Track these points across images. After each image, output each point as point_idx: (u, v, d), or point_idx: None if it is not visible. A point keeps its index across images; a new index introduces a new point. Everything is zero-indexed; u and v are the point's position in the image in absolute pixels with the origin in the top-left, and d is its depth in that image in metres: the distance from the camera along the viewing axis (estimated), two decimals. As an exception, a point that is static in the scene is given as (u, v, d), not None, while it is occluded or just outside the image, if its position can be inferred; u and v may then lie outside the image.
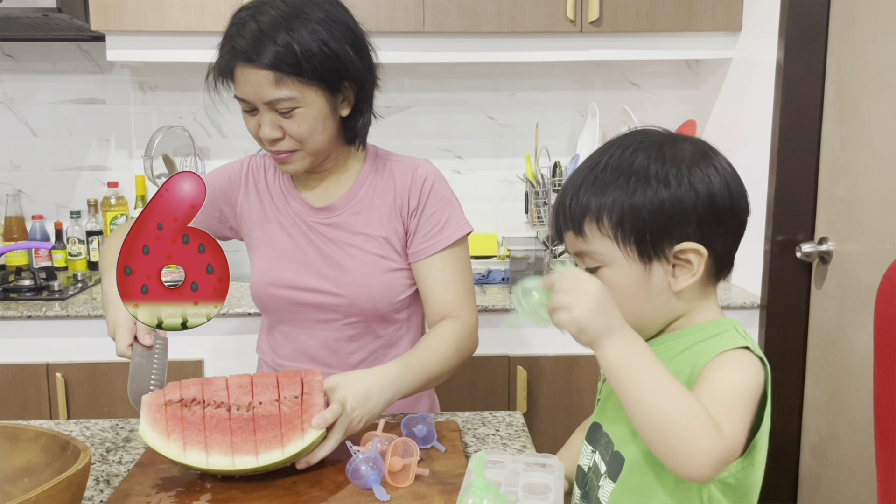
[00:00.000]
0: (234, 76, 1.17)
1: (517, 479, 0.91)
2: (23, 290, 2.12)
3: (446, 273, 1.26)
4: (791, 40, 1.96)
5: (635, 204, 0.81)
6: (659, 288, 0.83)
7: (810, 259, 1.98)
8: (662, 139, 0.85)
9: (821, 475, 1.98)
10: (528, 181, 2.44)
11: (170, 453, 0.97)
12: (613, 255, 0.82)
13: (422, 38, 2.20)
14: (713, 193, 0.82)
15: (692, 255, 0.82)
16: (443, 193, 1.28)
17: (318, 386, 1.03)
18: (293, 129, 1.17)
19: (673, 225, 0.81)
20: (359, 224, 1.26)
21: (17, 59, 2.48)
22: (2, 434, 0.95)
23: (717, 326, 0.85)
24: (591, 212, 0.83)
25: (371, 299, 1.25)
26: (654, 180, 0.81)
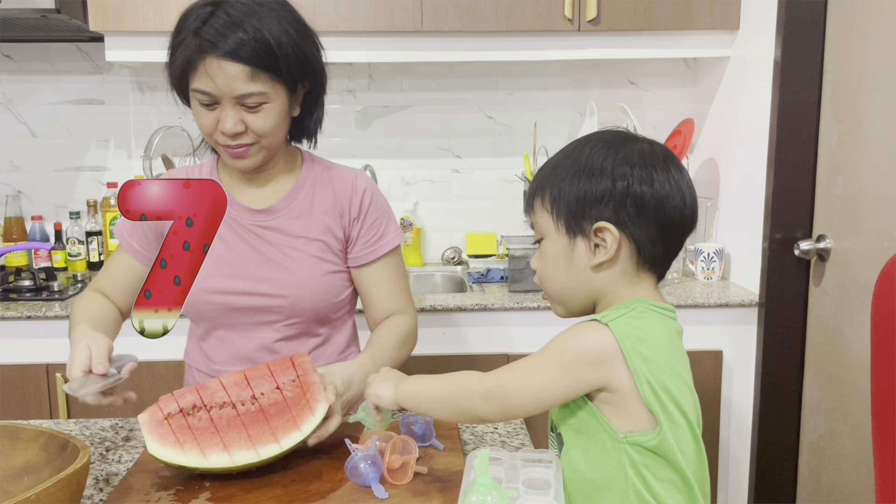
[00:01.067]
0: (197, 69, 1.14)
1: (517, 474, 0.92)
2: (23, 291, 2.12)
3: (389, 277, 1.33)
4: (789, 38, 1.97)
5: (569, 186, 0.93)
6: (580, 263, 0.93)
7: (808, 257, 1.99)
8: (622, 138, 0.94)
9: (820, 472, 1.99)
10: (526, 180, 2.45)
11: (189, 462, 0.98)
12: (549, 228, 0.95)
13: (420, 38, 2.20)
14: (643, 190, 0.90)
15: (608, 235, 0.91)
16: (381, 203, 1.35)
17: (309, 366, 1.07)
18: (258, 124, 1.17)
19: (591, 206, 0.91)
20: (299, 227, 1.27)
21: (16, 60, 2.49)
22: (2, 433, 0.95)
23: (621, 307, 0.91)
24: (539, 191, 0.96)
25: (313, 300, 1.27)
26: (588, 168, 0.92)
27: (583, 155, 0.93)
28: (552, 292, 0.98)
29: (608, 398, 0.88)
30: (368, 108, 2.56)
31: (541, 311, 2.06)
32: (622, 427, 0.88)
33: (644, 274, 0.94)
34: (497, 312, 2.07)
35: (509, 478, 0.91)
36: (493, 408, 0.90)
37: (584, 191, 0.91)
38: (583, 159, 0.93)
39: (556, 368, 0.88)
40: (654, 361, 0.87)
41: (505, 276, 2.32)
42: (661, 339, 0.90)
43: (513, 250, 2.17)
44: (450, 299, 2.10)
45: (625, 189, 0.90)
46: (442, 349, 2.07)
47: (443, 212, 2.63)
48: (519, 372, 0.90)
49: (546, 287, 0.98)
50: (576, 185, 0.92)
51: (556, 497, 0.87)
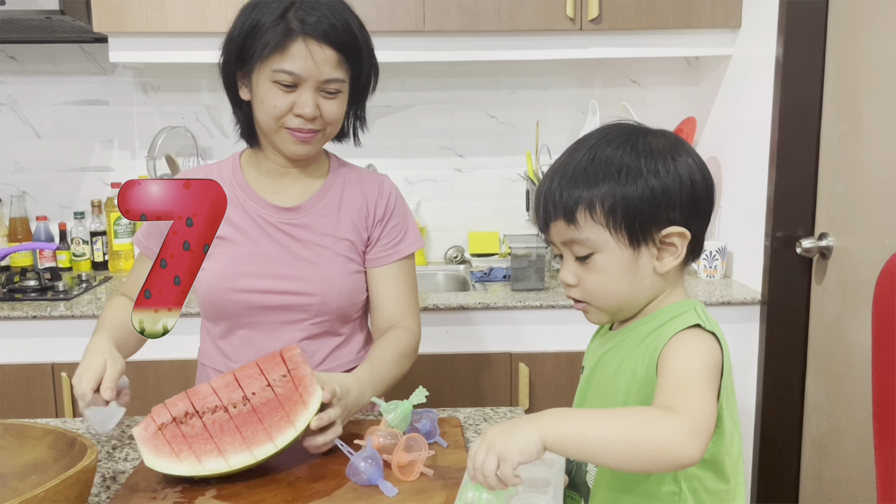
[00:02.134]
0: (287, 50, 1.16)
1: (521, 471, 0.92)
2: (28, 291, 2.13)
3: (399, 283, 1.33)
4: (790, 37, 1.97)
5: (627, 193, 0.85)
6: (645, 271, 0.88)
7: (810, 255, 1.99)
8: (639, 132, 0.90)
9: (822, 470, 1.99)
10: (529, 179, 2.45)
11: (186, 471, 0.98)
12: (605, 242, 0.87)
13: (422, 38, 2.21)
14: (694, 180, 0.88)
15: (676, 238, 0.87)
16: (404, 208, 1.36)
17: (300, 359, 1.05)
18: (331, 111, 1.21)
19: (661, 211, 0.86)
20: (328, 226, 1.28)
21: (20, 61, 2.50)
22: (10, 431, 0.96)
23: (677, 308, 0.90)
24: (583, 201, 0.87)
25: (340, 299, 1.27)
26: (644, 170, 0.86)
27: (614, 158, 0.87)
28: (609, 306, 0.91)
29: None
30: (371, 108, 2.54)
31: (543, 309, 2.06)
32: None
33: (684, 266, 0.92)
34: (500, 311, 2.08)
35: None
36: (700, 445, 0.75)
37: (648, 194, 0.85)
38: (624, 163, 0.86)
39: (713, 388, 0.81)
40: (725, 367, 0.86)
41: (507, 275, 2.33)
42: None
43: (515, 249, 2.18)
44: (452, 298, 2.10)
45: (690, 187, 0.87)
46: (445, 348, 2.08)
47: (445, 211, 2.64)
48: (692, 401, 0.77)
49: (604, 302, 0.90)
50: (631, 192, 0.85)
51: (555, 497, 0.87)
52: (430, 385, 2.06)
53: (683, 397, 0.77)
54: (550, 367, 2.09)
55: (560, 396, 2.10)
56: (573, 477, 0.97)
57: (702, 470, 0.86)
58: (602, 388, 0.95)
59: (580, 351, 1.02)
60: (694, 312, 0.87)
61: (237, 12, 1.23)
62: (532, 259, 2.17)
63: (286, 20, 1.16)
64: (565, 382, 2.10)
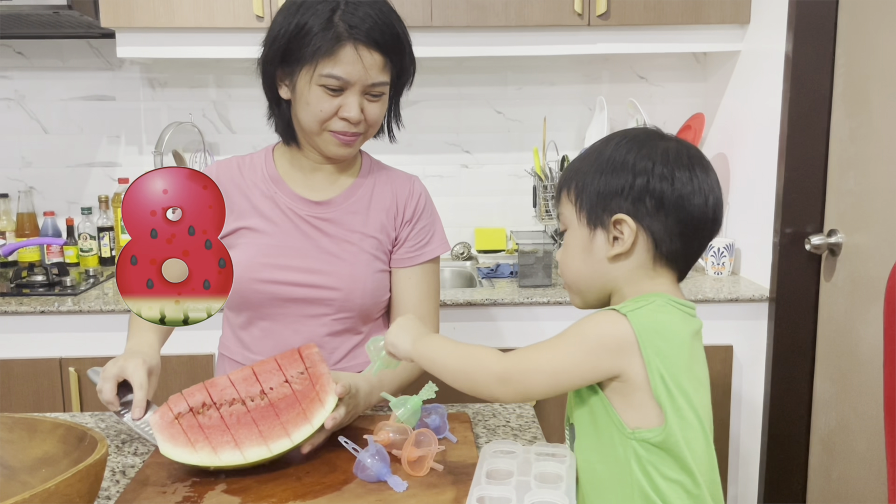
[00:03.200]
0: (335, 55, 1.15)
1: (529, 468, 0.92)
2: (35, 286, 2.14)
3: (423, 286, 1.33)
4: (800, 32, 1.96)
5: (592, 179, 0.95)
6: (599, 254, 0.95)
7: (819, 251, 1.98)
8: (650, 136, 0.96)
9: (830, 468, 1.99)
10: (536, 175, 2.45)
11: (202, 461, 0.98)
12: (572, 219, 0.97)
13: (429, 33, 2.20)
14: (651, 181, 0.92)
15: (626, 227, 0.92)
16: (433, 211, 1.37)
17: (318, 357, 1.06)
18: (374, 113, 1.22)
19: (611, 198, 0.93)
20: (357, 222, 1.28)
21: (27, 57, 2.50)
22: (20, 425, 0.96)
23: (640, 300, 0.92)
24: (566, 184, 0.98)
25: (364, 296, 1.27)
26: (611, 163, 0.94)
27: (607, 150, 0.95)
28: (570, 282, 0.99)
29: (619, 388, 0.89)
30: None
31: (550, 306, 2.06)
32: (631, 422, 0.88)
33: (662, 270, 0.94)
34: (507, 307, 2.07)
35: (522, 471, 0.92)
36: (508, 389, 0.91)
37: (606, 184, 0.93)
38: (607, 154, 0.95)
39: (575, 353, 0.89)
40: (669, 356, 0.88)
41: (514, 272, 2.33)
42: (678, 335, 0.90)
43: (522, 246, 2.17)
44: (459, 294, 2.10)
45: (644, 184, 0.91)
46: (452, 344, 2.08)
47: (452, 207, 2.64)
48: (538, 354, 0.91)
49: (565, 276, 1.00)
50: (598, 179, 0.94)
51: (567, 492, 0.87)
52: (436, 380, 2.07)
53: (528, 349, 0.92)
54: (557, 364, 2.09)
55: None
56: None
57: (653, 453, 0.88)
58: None
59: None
60: (633, 301, 0.92)
61: (279, 10, 1.21)
62: (539, 255, 2.16)
63: (334, 24, 1.15)
64: (572, 379, 2.09)
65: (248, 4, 2.13)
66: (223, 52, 2.21)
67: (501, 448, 0.98)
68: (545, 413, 2.09)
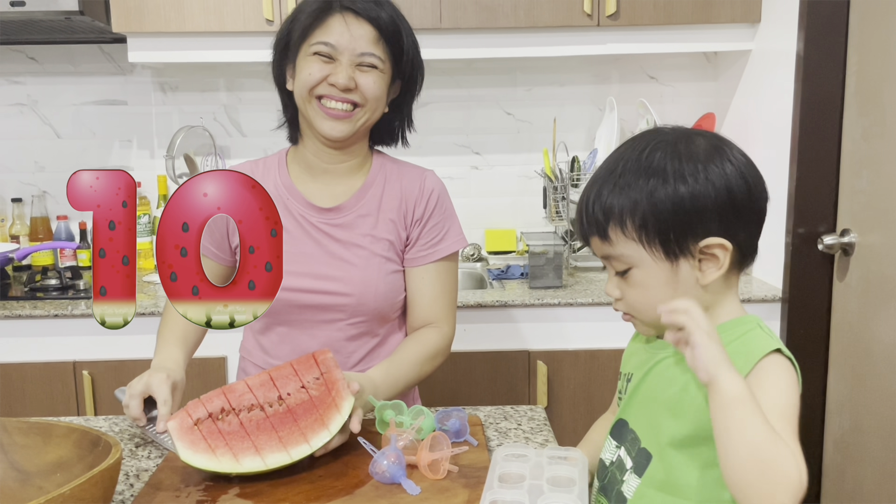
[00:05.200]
0: (326, 22, 1.19)
1: (542, 472, 0.92)
2: (49, 290, 2.15)
3: (437, 284, 1.32)
4: (811, 31, 1.95)
5: (656, 204, 0.82)
6: (687, 283, 0.85)
7: (832, 251, 1.97)
8: (676, 137, 0.86)
9: (845, 469, 1.97)
10: (546, 176, 2.44)
11: (223, 468, 0.98)
12: (640, 257, 0.84)
13: (439, 35, 2.20)
14: (730, 186, 0.83)
15: (717, 249, 0.83)
16: (446, 206, 1.34)
17: (333, 363, 1.07)
18: (367, 84, 1.21)
19: (695, 222, 0.82)
20: (366, 226, 1.28)
21: (40, 62, 2.52)
22: (34, 430, 0.97)
23: (740, 326, 0.86)
24: (613, 216, 0.84)
25: (377, 300, 1.27)
26: (671, 178, 0.82)
27: (653, 162, 0.83)
28: (653, 321, 0.87)
29: None
30: (387, 106, 2.56)
31: (561, 307, 2.05)
32: None
33: (736, 274, 0.89)
34: (517, 309, 2.07)
35: (534, 475, 0.91)
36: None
37: (677, 204, 0.82)
38: (655, 166, 0.83)
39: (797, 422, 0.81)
40: None
41: (525, 273, 2.32)
42: None
43: (533, 247, 2.17)
44: (470, 296, 2.10)
45: (725, 190, 0.82)
46: (462, 346, 2.08)
47: (462, 208, 2.60)
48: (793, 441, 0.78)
49: (647, 317, 0.88)
50: (664, 198, 0.82)
51: (580, 495, 0.87)
52: (447, 383, 2.07)
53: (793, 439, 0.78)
54: (569, 365, 2.08)
55: (579, 393, 2.09)
56: (605, 483, 0.95)
57: None
58: (653, 398, 0.91)
59: (599, 348, 1.02)
60: (761, 330, 0.85)
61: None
62: (549, 257, 2.16)
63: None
64: (583, 380, 2.09)
65: (257, 8, 2.14)
66: (233, 56, 2.22)
67: (513, 452, 0.98)
68: (557, 415, 2.09)
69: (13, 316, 2.00)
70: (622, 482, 0.92)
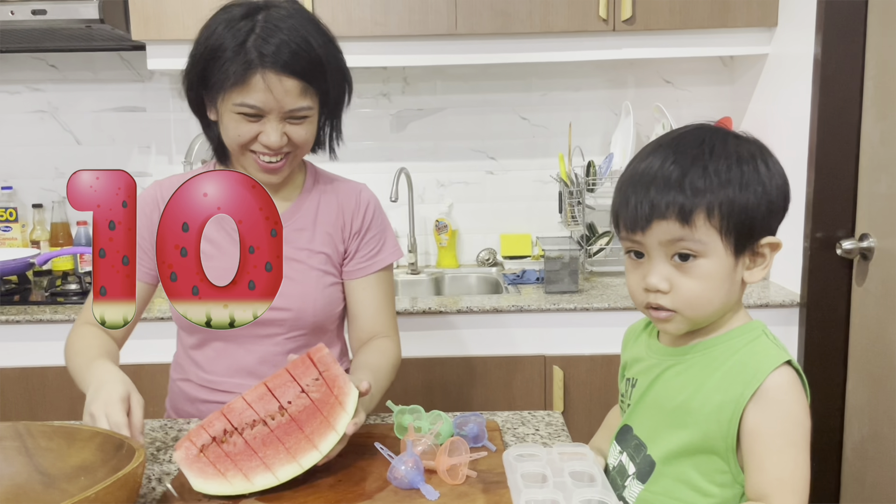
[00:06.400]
0: (248, 83, 1.12)
1: (561, 468, 0.92)
2: (69, 294, 2.18)
3: (379, 295, 1.32)
4: (829, 35, 1.94)
5: (749, 198, 0.83)
6: (736, 280, 0.86)
7: (851, 256, 1.96)
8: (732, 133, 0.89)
9: (864, 475, 1.96)
10: (561, 181, 2.44)
11: (236, 490, 0.97)
12: (715, 247, 0.84)
13: (454, 41, 2.21)
14: (787, 190, 0.87)
15: (767, 248, 0.86)
16: (382, 219, 1.35)
17: (330, 359, 1.04)
18: (299, 136, 1.18)
19: (766, 221, 0.85)
20: (302, 240, 1.27)
21: (60, 70, 2.55)
22: (59, 433, 0.98)
23: (748, 332, 0.87)
24: (703, 203, 0.82)
25: (315, 313, 1.27)
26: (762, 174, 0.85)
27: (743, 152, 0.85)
28: (700, 317, 0.87)
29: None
30: (403, 112, 2.58)
31: (577, 312, 2.05)
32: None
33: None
34: (533, 314, 2.07)
35: (555, 471, 0.92)
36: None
37: (765, 205, 0.84)
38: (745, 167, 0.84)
39: (807, 450, 0.83)
40: None
41: (540, 278, 2.32)
42: None
43: (548, 251, 2.17)
44: (485, 301, 2.10)
45: (785, 194, 0.87)
46: (478, 351, 2.08)
47: (477, 213, 2.64)
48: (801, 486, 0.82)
49: (696, 311, 0.86)
50: (754, 199, 0.83)
51: (605, 487, 0.87)
52: (463, 388, 2.08)
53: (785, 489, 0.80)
54: (585, 370, 2.08)
55: (594, 399, 2.09)
56: None
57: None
58: (659, 406, 0.92)
59: (615, 353, 1.01)
60: (766, 338, 0.86)
61: (203, 26, 1.18)
62: (565, 261, 2.16)
63: (245, 49, 1.12)
64: (600, 385, 2.08)
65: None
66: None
67: (523, 451, 0.98)
68: (573, 420, 2.09)
69: (34, 320, 2.03)
70: (623, 487, 0.94)
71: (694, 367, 0.89)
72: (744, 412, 0.82)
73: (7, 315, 2.03)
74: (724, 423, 0.83)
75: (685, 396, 0.88)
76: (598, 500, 0.85)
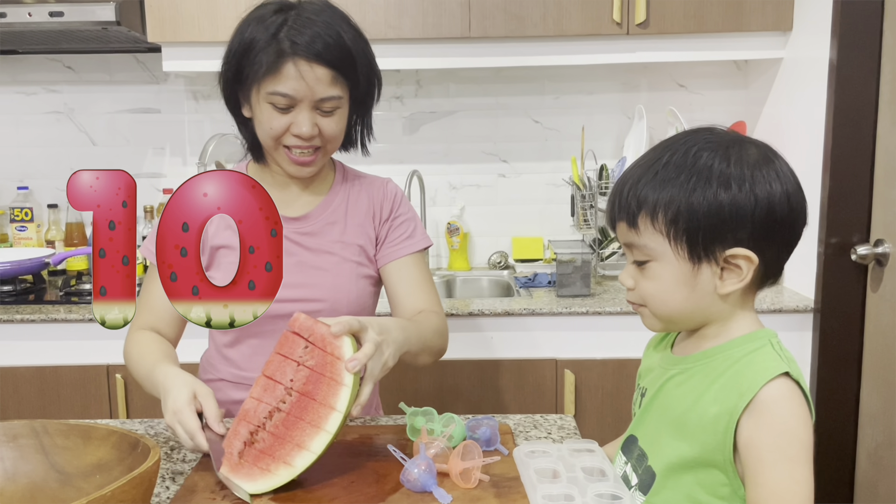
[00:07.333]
0: (280, 71, 1.15)
1: (572, 463, 0.92)
2: (84, 294, 2.19)
3: (416, 273, 1.33)
4: (844, 39, 1.93)
5: (692, 204, 0.80)
6: (704, 289, 0.83)
7: (866, 261, 1.94)
8: (729, 140, 0.84)
9: (878, 482, 1.94)
10: (574, 184, 2.44)
11: (284, 478, 0.98)
12: (663, 251, 0.83)
13: (468, 44, 2.21)
14: (772, 203, 0.81)
15: (742, 261, 0.82)
16: (410, 208, 1.38)
17: (308, 321, 1.02)
18: (330, 128, 1.21)
19: (727, 229, 0.81)
20: (335, 233, 1.30)
21: (76, 71, 2.58)
22: (75, 432, 0.99)
23: (751, 342, 0.85)
24: (646, 206, 0.83)
25: (350, 304, 1.28)
26: (714, 181, 0.80)
27: (698, 161, 0.81)
28: (664, 315, 0.87)
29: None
30: (416, 114, 2.58)
31: (589, 315, 2.05)
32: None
33: (754, 291, 0.87)
34: (545, 317, 2.07)
35: (568, 466, 0.91)
36: None
37: (715, 208, 0.80)
38: (700, 166, 0.81)
39: (809, 466, 0.81)
40: None
41: (552, 281, 2.32)
42: None
43: (560, 255, 2.17)
44: (497, 304, 2.10)
45: (766, 205, 0.80)
46: (490, 354, 2.08)
47: (489, 216, 2.64)
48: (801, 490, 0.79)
49: (657, 310, 0.87)
50: (702, 200, 0.80)
51: (618, 482, 0.88)
52: (474, 391, 2.08)
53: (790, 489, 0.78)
54: (596, 374, 2.08)
55: (606, 403, 2.09)
56: None
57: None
58: (661, 416, 0.91)
59: (627, 358, 1.01)
60: (771, 348, 0.84)
61: (236, 27, 1.22)
62: (577, 265, 2.15)
63: (278, 40, 1.15)
64: (611, 389, 2.08)
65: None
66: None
67: (533, 448, 0.98)
68: (584, 424, 2.08)
69: (49, 320, 2.04)
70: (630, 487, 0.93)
71: (695, 376, 0.88)
72: (738, 424, 0.81)
73: (22, 314, 2.04)
74: (720, 434, 0.82)
75: (685, 407, 0.87)
76: (611, 493, 0.85)
